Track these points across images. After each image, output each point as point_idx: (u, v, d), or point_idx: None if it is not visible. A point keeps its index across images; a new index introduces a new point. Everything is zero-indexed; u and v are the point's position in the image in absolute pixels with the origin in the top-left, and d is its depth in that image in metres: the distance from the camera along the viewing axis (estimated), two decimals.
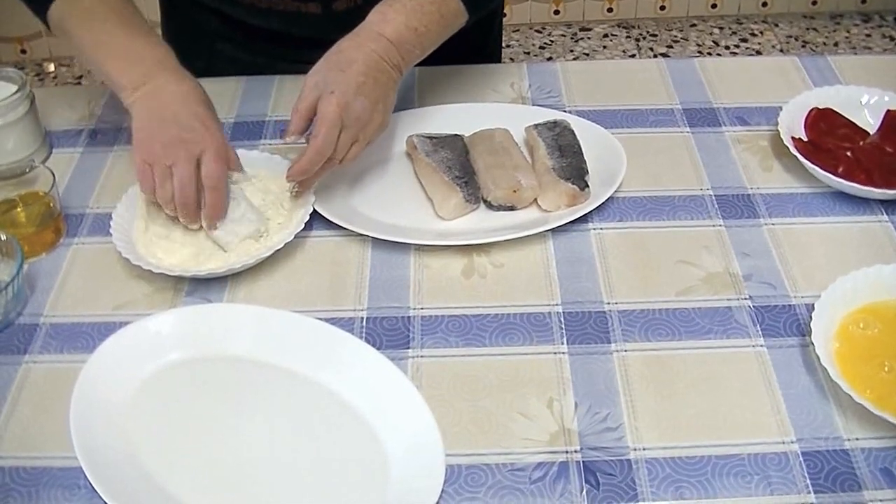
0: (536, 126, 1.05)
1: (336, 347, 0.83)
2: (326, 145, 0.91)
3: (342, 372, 0.81)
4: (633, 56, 2.88)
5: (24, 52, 2.85)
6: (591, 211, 0.97)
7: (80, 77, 2.82)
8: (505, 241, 0.94)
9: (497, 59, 1.36)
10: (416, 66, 1.17)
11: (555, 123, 1.05)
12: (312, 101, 0.92)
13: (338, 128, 0.91)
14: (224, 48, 1.22)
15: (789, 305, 0.88)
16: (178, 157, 0.90)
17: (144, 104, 0.93)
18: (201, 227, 0.93)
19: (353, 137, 0.93)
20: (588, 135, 1.04)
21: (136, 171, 0.91)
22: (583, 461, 0.75)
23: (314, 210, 0.96)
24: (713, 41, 2.94)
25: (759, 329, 0.86)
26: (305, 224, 0.94)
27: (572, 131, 1.04)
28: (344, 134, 0.92)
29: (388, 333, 0.86)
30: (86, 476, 0.73)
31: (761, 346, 0.84)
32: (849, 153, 1.02)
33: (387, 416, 0.78)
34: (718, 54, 2.85)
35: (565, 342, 0.85)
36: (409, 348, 0.85)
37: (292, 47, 1.05)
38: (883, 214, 0.98)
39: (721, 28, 3.00)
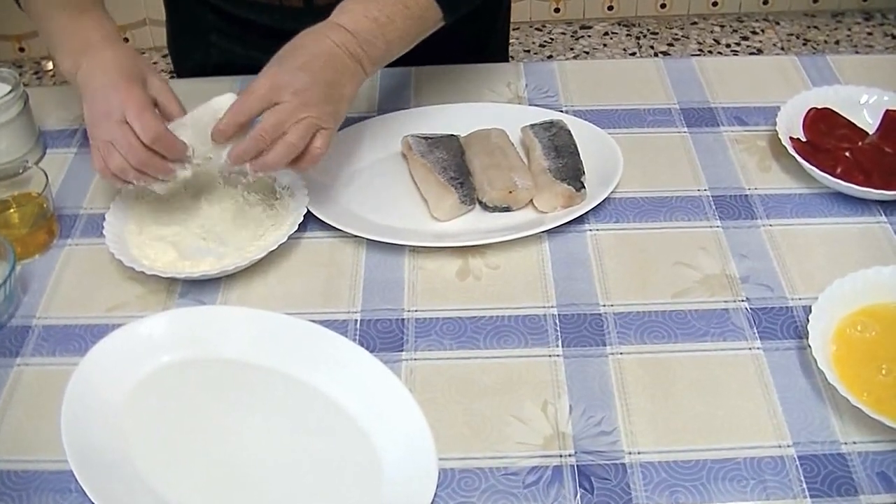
0: (533, 126, 1.04)
1: (329, 350, 0.82)
2: (240, 113, 0.87)
3: (335, 374, 0.81)
4: (633, 54, 2.87)
5: (22, 49, 2.85)
6: (587, 212, 0.96)
7: None
8: (500, 242, 0.93)
9: (503, 58, 1.35)
10: (412, 65, 1.17)
11: (551, 123, 1.04)
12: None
13: (259, 97, 0.87)
14: (219, 42, 1.22)
15: (787, 307, 0.87)
16: (110, 129, 0.88)
17: (82, 88, 0.92)
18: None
19: (294, 113, 0.87)
20: (585, 135, 1.04)
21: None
22: (577, 465, 0.75)
23: (308, 211, 0.95)
24: (714, 39, 2.93)
25: (756, 332, 0.85)
26: (299, 225, 0.94)
27: (569, 131, 1.03)
28: (282, 108, 0.87)
29: (382, 336, 0.86)
30: (77, 480, 0.72)
31: (758, 348, 0.84)
32: (847, 154, 1.01)
33: (380, 420, 0.78)
34: (719, 52, 2.85)
35: (560, 344, 0.84)
36: (402, 351, 0.84)
37: (284, 42, 1.05)
38: (882, 215, 0.97)
39: (722, 26, 2.99)
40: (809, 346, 0.80)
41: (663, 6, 3.01)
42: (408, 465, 0.75)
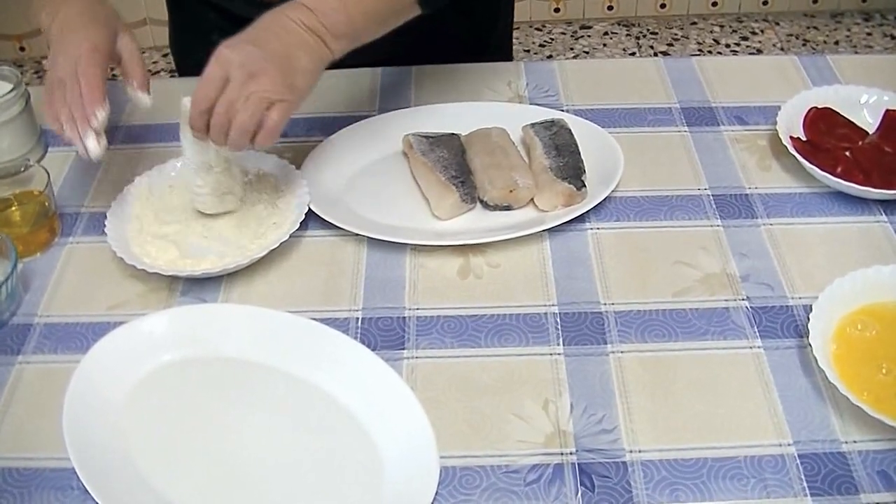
0: (533, 125, 1.04)
1: (331, 348, 0.82)
2: (200, 101, 0.86)
3: (337, 373, 0.81)
4: (633, 54, 2.87)
5: (22, 49, 2.85)
6: (587, 211, 0.96)
7: None
8: (501, 241, 0.93)
9: (506, 57, 1.34)
10: (412, 65, 1.17)
11: (552, 122, 1.04)
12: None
13: (212, 79, 0.86)
14: (221, 41, 1.21)
15: (787, 306, 0.88)
16: (64, 66, 0.88)
17: (53, 32, 0.92)
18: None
19: (242, 88, 0.85)
20: (585, 134, 1.04)
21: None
22: (578, 463, 0.75)
23: (309, 209, 0.95)
24: (714, 39, 2.93)
25: (756, 330, 0.85)
26: (301, 223, 0.94)
27: (569, 130, 1.03)
28: (230, 86, 0.85)
29: (383, 334, 0.86)
30: (79, 478, 0.72)
31: (758, 347, 0.84)
32: (847, 153, 1.01)
33: (381, 418, 0.78)
34: (719, 52, 2.85)
35: (561, 343, 0.84)
36: (404, 349, 0.84)
37: None
38: (881, 215, 0.97)
39: (721, 26, 2.99)
40: (810, 345, 0.80)
41: (663, 6, 3.01)
42: (409, 464, 0.75)
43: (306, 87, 0.90)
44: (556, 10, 3.01)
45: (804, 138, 1.05)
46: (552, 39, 2.96)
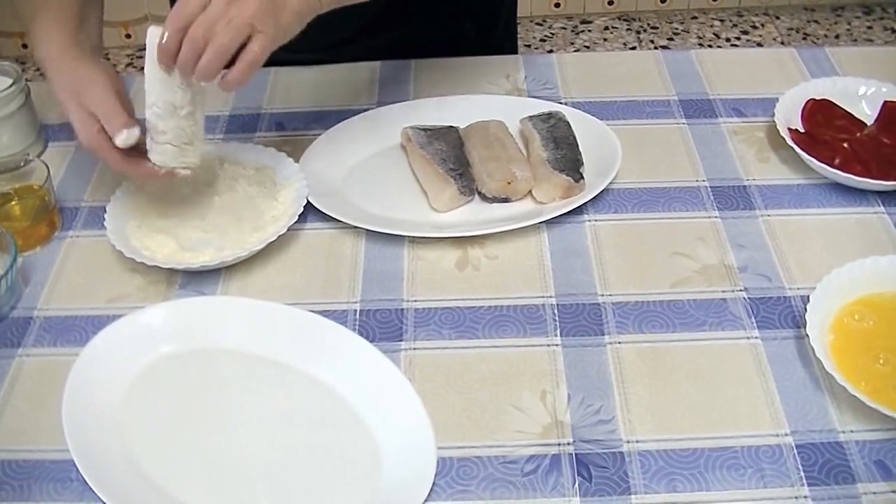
0: (531, 118, 1.04)
1: (329, 340, 0.83)
2: (177, 18, 0.80)
3: (335, 365, 0.81)
4: (633, 49, 2.87)
5: (25, 46, 2.85)
6: (586, 203, 0.96)
7: None
8: (499, 233, 0.94)
9: (511, 49, 1.34)
10: (411, 58, 1.17)
11: (550, 115, 1.04)
12: None
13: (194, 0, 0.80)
14: None
15: (784, 297, 0.88)
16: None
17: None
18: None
19: (225, 11, 0.80)
20: (583, 126, 1.04)
21: None
22: (575, 454, 0.75)
23: (308, 202, 0.95)
24: (714, 34, 2.93)
25: (753, 321, 0.85)
26: (299, 216, 0.94)
27: (567, 123, 1.03)
28: (213, 6, 0.80)
29: (382, 326, 0.86)
30: (78, 469, 0.72)
31: (756, 338, 0.84)
32: (846, 144, 1.01)
33: (379, 409, 0.78)
34: (719, 47, 2.85)
35: (559, 334, 0.85)
36: (402, 341, 0.84)
37: None
38: (879, 206, 0.97)
39: (722, 20, 2.99)
40: (807, 336, 0.80)
41: (663, 1, 3.01)
42: (407, 455, 0.75)
43: (290, 28, 0.85)
44: (557, 4, 3.01)
45: (802, 130, 1.05)
46: (553, 34, 2.96)
